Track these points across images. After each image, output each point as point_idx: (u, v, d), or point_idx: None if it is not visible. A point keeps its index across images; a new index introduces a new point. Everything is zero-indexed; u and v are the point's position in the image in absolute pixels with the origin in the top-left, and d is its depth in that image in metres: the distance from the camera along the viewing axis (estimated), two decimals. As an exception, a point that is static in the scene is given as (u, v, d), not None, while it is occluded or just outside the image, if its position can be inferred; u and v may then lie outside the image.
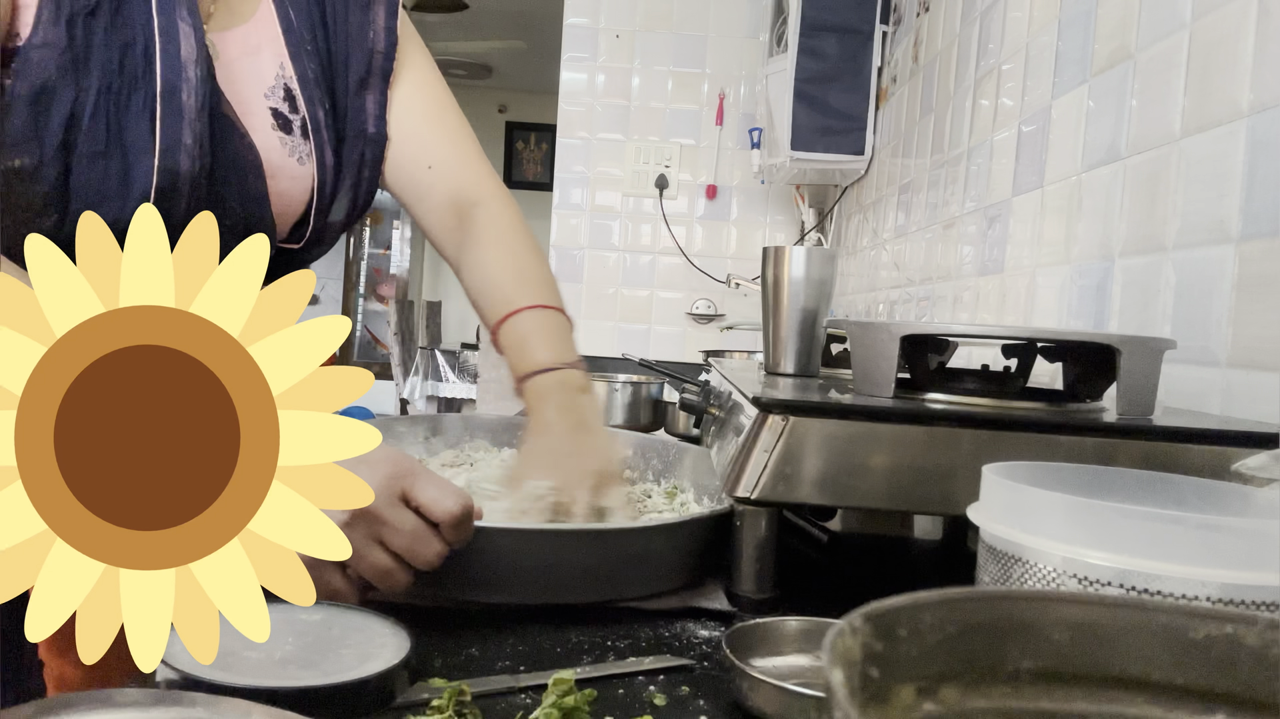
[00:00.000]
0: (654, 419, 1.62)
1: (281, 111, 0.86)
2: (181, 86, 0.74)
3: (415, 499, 0.62)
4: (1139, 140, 0.98)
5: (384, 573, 0.62)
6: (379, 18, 0.93)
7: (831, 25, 2.25)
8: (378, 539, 0.61)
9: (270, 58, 0.86)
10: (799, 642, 0.61)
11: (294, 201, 0.87)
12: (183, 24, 0.75)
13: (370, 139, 0.92)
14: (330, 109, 0.90)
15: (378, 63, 0.93)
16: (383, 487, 0.61)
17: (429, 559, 0.62)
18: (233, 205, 0.81)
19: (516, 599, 0.70)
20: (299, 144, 0.87)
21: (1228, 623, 0.28)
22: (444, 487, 0.63)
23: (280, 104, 0.86)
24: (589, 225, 2.94)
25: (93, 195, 0.71)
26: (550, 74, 3.43)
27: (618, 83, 2.90)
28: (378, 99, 0.93)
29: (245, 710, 0.43)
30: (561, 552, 0.70)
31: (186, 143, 0.74)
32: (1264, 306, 0.76)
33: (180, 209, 0.75)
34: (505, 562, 0.69)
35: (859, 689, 0.25)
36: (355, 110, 0.92)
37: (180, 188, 0.74)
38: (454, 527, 0.62)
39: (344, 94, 0.91)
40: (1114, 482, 0.51)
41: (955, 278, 1.58)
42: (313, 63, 0.88)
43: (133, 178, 0.72)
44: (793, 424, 0.69)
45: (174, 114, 0.73)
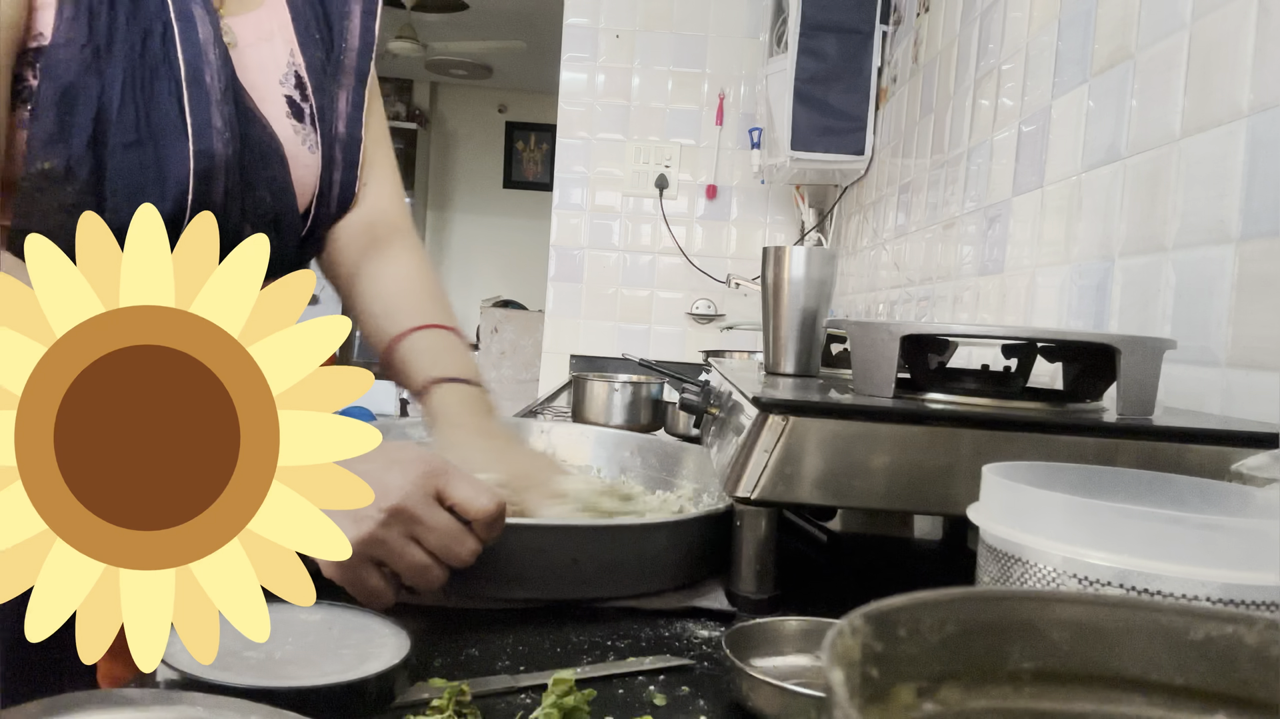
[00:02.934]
0: (654, 419, 1.62)
1: (294, 99, 0.86)
2: (204, 69, 0.74)
3: (450, 498, 0.63)
4: (1139, 140, 0.98)
5: (420, 570, 0.62)
6: (354, 16, 0.92)
7: (831, 25, 2.25)
8: (413, 537, 0.62)
9: (282, 44, 0.86)
10: (799, 642, 0.61)
11: (306, 191, 0.87)
12: (196, 7, 0.75)
13: (340, 139, 0.91)
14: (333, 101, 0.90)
15: (350, 60, 0.92)
16: (417, 486, 0.62)
17: (463, 557, 0.63)
18: (262, 195, 0.80)
19: (515, 594, 0.70)
20: (309, 133, 0.86)
21: (1228, 623, 0.28)
22: (477, 485, 0.64)
23: (293, 91, 0.86)
24: (589, 225, 2.94)
25: (129, 187, 0.71)
26: (550, 74, 3.43)
27: (618, 83, 2.90)
28: (350, 98, 0.92)
29: (245, 710, 0.43)
30: (561, 547, 0.70)
31: (216, 125, 0.74)
32: (1264, 306, 0.76)
33: (218, 194, 0.74)
34: (502, 557, 0.69)
35: (859, 689, 0.25)
36: (329, 106, 0.91)
37: (216, 172, 0.74)
38: (487, 524, 0.63)
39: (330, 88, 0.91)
40: (1114, 482, 0.51)
41: (955, 278, 1.58)
42: (319, 51, 0.88)
43: (168, 165, 0.72)
44: (793, 424, 0.69)
45: (200, 97, 0.73)
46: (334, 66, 0.91)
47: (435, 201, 7.46)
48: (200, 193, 0.73)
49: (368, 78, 0.94)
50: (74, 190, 0.69)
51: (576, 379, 1.66)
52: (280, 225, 0.83)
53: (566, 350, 2.93)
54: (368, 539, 0.60)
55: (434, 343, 0.91)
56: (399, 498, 0.61)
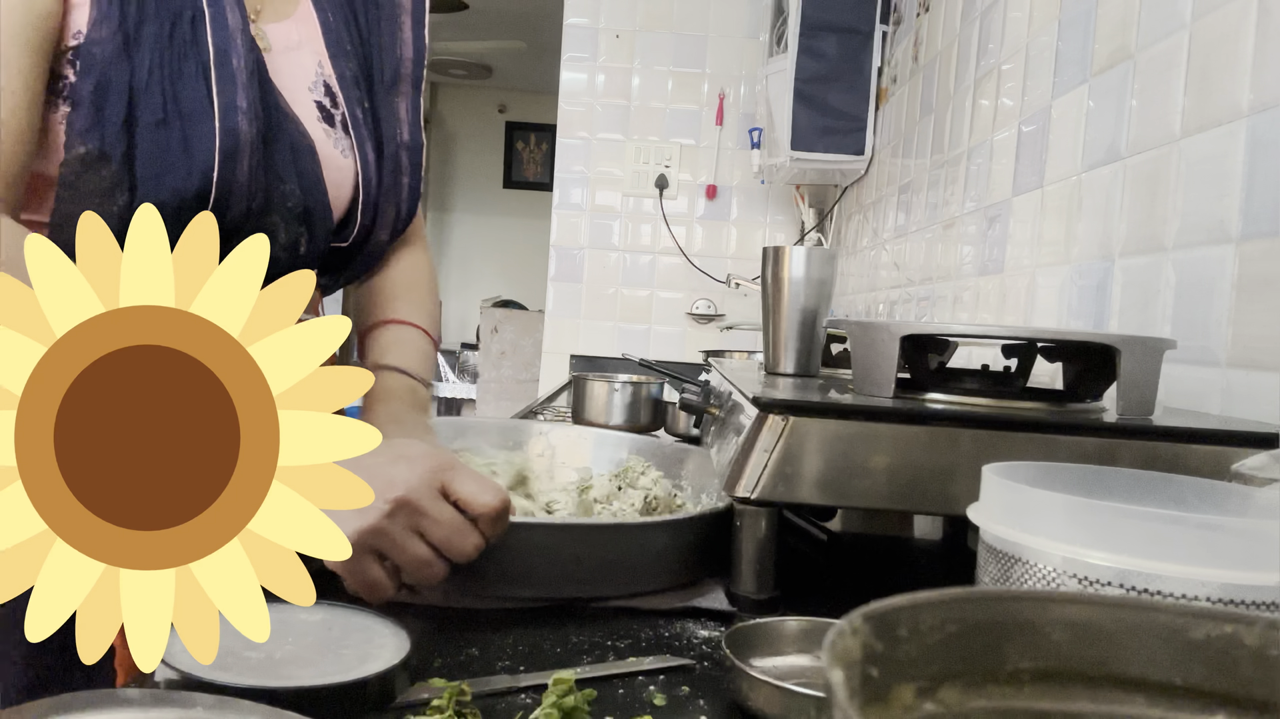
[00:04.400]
0: (654, 419, 1.62)
1: (324, 105, 0.88)
2: (231, 53, 0.75)
3: (454, 493, 0.64)
4: (1139, 140, 0.98)
5: (422, 563, 0.63)
6: (405, 27, 0.95)
7: (831, 25, 2.25)
8: (417, 530, 0.62)
9: (310, 54, 0.88)
10: (799, 642, 0.61)
11: (341, 194, 0.89)
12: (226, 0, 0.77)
13: (406, 145, 0.94)
14: (370, 112, 0.91)
15: (406, 69, 0.95)
16: (423, 479, 0.62)
17: (466, 551, 0.63)
18: (291, 188, 0.82)
19: (517, 593, 0.70)
20: (340, 137, 0.89)
21: (1228, 623, 0.28)
22: (483, 482, 0.64)
23: (323, 98, 0.88)
24: (589, 225, 2.94)
25: (156, 166, 0.72)
26: (550, 74, 3.43)
27: (618, 83, 2.90)
28: (410, 105, 0.95)
29: (245, 710, 0.43)
30: (563, 545, 0.70)
31: (242, 106, 0.75)
32: (1264, 306, 0.76)
33: (242, 174, 0.75)
34: (504, 555, 0.69)
35: (859, 689, 0.25)
36: (388, 116, 0.93)
37: (241, 153, 0.75)
38: (492, 520, 0.64)
39: (381, 100, 0.93)
40: (1114, 482, 0.51)
41: (955, 278, 1.58)
42: (351, 63, 0.90)
43: (193, 145, 0.73)
44: (793, 424, 0.69)
45: (227, 78, 0.74)
46: (391, 76, 0.94)
47: (435, 202, 7.45)
48: (226, 172, 0.74)
49: (422, 84, 0.97)
50: (109, 173, 0.71)
51: (576, 379, 1.66)
52: (311, 220, 0.85)
53: (566, 350, 2.93)
54: (371, 530, 0.61)
55: (402, 337, 0.95)
56: (404, 490, 0.61)
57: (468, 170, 7.46)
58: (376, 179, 0.91)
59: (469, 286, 7.31)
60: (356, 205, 0.91)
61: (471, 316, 6.28)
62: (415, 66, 0.96)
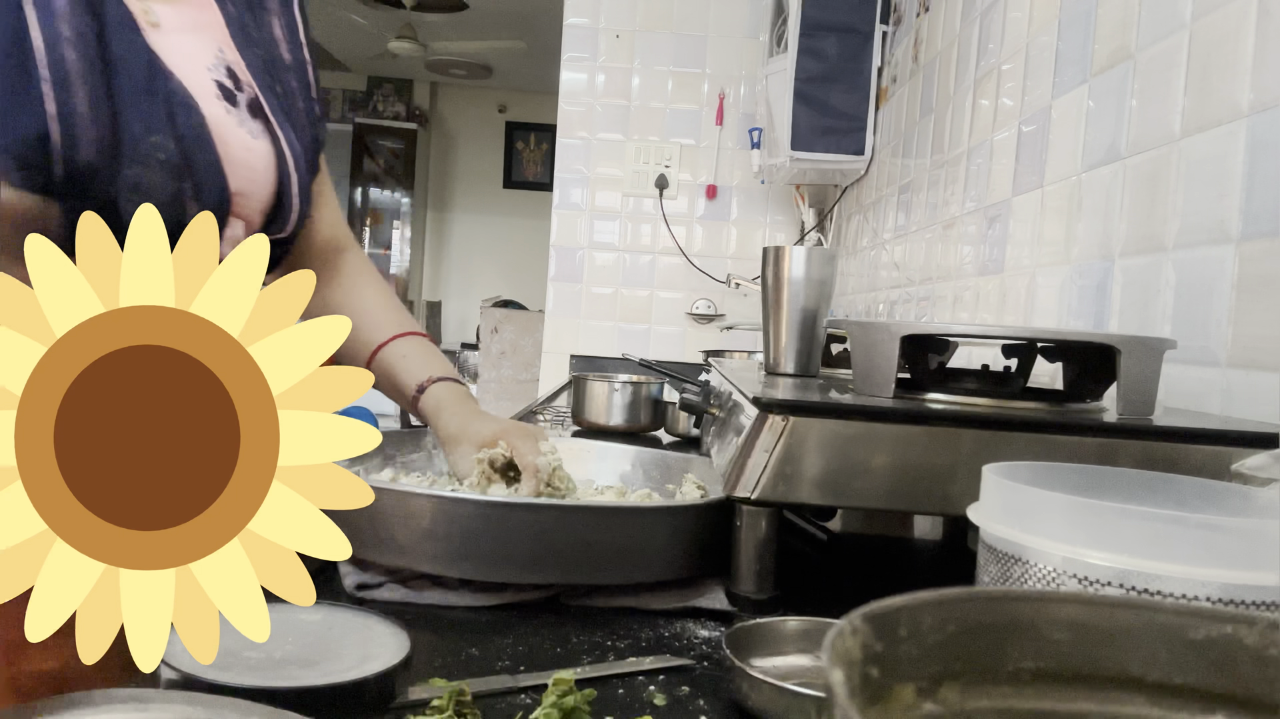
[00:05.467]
0: (654, 419, 1.62)
1: (225, 84, 0.85)
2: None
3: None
4: (1139, 140, 0.98)
5: None
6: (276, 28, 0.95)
7: (831, 25, 2.25)
8: None
9: (209, 40, 0.86)
10: (799, 642, 0.61)
11: (257, 178, 0.86)
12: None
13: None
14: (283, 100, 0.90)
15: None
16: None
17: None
18: (163, 140, 0.78)
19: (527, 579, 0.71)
20: (246, 117, 0.86)
21: (1228, 623, 0.28)
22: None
23: (224, 79, 0.85)
24: (589, 225, 2.94)
25: None
26: (550, 74, 3.43)
27: (618, 83, 2.90)
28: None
29: (245, 710, 0.43)
30: (573, 528, 0.70)
31: (66, 34, 0.72)
32: (1264, 306, 0.76)
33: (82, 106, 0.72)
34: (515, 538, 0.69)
35: (859, 689, 0.25)
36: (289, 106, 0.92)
37: (72, 81, 0.72)
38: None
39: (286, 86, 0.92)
40: (1114, 482, 0.51)
41: (955, 278, 1.58)
42: (258, 50, 0.89)
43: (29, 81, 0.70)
44: (793, 424, 0.69)
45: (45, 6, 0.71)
46: (275, 65, 0.93)
47: (435, 202, 7.46)
48: (63, 98, 0.71)
49: (307, 69, 0.95)
50: None
51: (576, 379, 1.66)
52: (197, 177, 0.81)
53: (566, 350, 2.93)
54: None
55: (416, 348, 1.00)
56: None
57: (468, 170, 7.47)
58: (307, 163, 0.90)
59: (469, 286, 7.32)
60: (289, 193, 0.89)
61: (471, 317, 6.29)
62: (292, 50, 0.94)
